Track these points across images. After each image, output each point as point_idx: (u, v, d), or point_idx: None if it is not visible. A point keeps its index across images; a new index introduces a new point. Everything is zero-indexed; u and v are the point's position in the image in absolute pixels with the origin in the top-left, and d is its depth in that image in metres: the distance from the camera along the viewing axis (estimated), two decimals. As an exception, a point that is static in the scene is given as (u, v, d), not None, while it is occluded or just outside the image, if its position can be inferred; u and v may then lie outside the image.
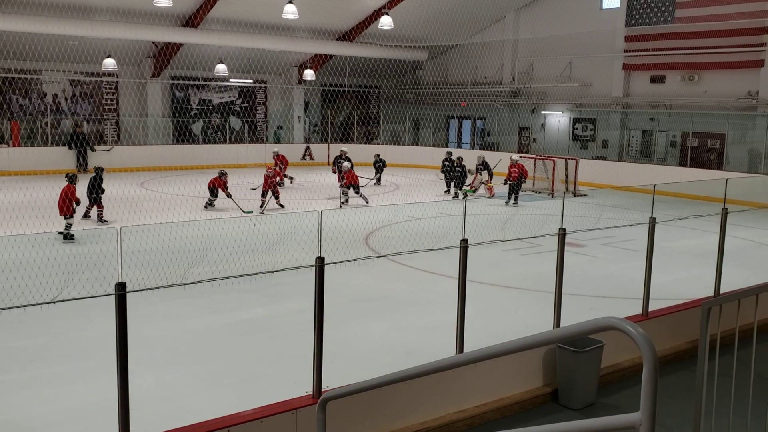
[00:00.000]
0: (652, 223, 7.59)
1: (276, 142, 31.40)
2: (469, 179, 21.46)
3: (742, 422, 4.82)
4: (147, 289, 5.19)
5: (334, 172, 22.26)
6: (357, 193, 19.09)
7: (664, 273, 10.18)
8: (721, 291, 8.26)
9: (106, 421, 5.04)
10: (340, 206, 18.43)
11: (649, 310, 7.74)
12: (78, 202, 14.42)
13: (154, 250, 9.06)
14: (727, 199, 8.66)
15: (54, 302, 5.49)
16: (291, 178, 22.77)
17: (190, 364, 7.53)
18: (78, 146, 25.20)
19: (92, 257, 7.98)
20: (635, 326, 2.00)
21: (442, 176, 22.57)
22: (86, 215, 15.86)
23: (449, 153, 23.21)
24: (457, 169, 20.99)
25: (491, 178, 21.34)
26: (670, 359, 7.69)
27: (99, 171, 16.39)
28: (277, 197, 17.96)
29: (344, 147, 22.74)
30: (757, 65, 22.80)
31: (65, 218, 13.80)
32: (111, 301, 4.51)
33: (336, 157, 22.58)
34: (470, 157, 22.85)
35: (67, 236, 13.58)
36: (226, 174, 18.09)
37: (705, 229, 10.93)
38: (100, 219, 15.78)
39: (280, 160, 22.68)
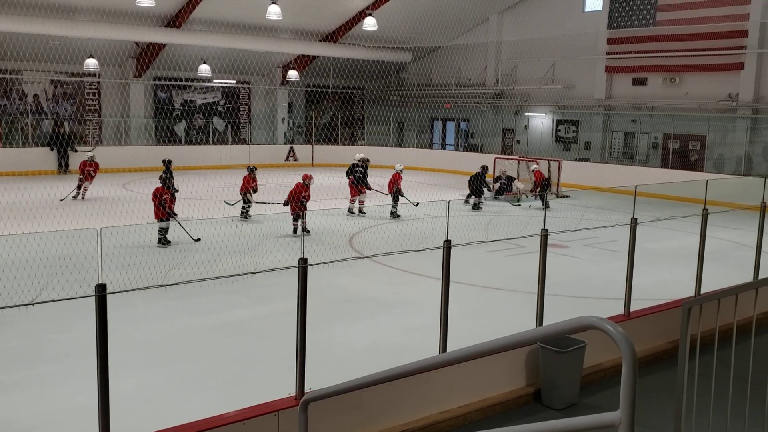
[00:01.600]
0: (634, 224, 7.65)
1: (291, 142, 31.46)
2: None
3: (722, 421, 4.86)
4: (128, 291, 5.15)
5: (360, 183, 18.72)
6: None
7: (646, 273, 10.25)
8: (702, 291, 8.34)
9: (86, 425, 4.98)
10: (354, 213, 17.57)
11: (631, 310, 7.79)
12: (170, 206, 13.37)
13: (136, 251, 8.99)
14: (707, 201, 8.74)
15: (33, 304, 5.43)
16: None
17: (172, 365, 7.48)
18: (59, 147, 24.96)
19: (72, 259, 7.90)
20: (615, 325, 2.01)
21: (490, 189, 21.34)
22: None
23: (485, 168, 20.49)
24: (503, 181, 21.28)
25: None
26: (651, 359, 7.75)
27: (167, 164, 16.13)
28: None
29: (361, 154, 19.94)
30: (737, 68, 23.07)
31: (159, 221, 12.90)
32: (91, 303, 4.47)
33: (353, 165, 19.26)
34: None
35: (162, 241, 12.72)
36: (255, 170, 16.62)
37: (686, 229, 11.03)
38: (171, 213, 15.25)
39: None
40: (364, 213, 17.67)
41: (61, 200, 17.86)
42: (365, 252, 13.10)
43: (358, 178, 18.37)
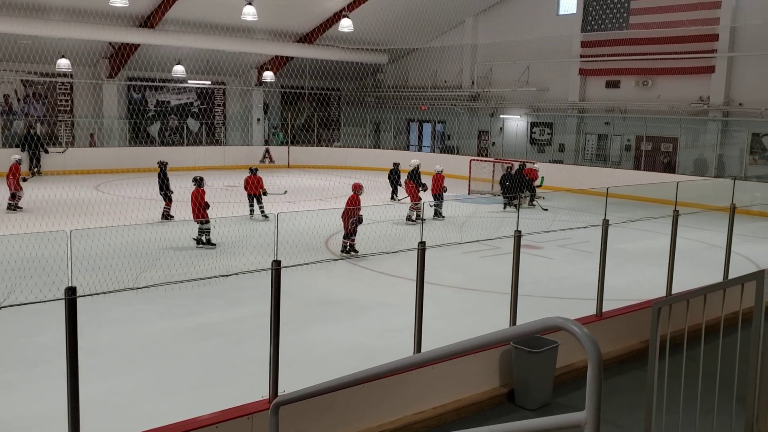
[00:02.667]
0: (605, 225, 7.73)
1: (284, 144, 31.36)
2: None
3: (692, 419, 4.93)
4: (98, 294, 5.08)
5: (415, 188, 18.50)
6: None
7: (618, 274, 10.37)
8: (673, 291, 8.46)
9: (56, 431, 4.91)
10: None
11: (603, 310, 7.87)
12: (207, 205, 13.49)
13: (107, 253, 8.89)
14: (678, 202, 8.87)
15: (0, 308, 5.33)
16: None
17: (144, 369, 7.39)
18: (31, 148, 24.57)
19: (41, 261, 7.78)
20: (580, 326, 2.03)
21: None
22: (165, 215, 15.71)
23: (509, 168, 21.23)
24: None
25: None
26: (623, 358, 7.84)
27: (163, 166, 16.00)
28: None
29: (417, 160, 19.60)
30: (708, 71, 23.44)
31: (201, 224, 12.93)
32: (61, 306, 4.41)
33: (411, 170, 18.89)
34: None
35: (202, 242, 12.89)
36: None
37: (657, 230, 11.18)
38: (165, 216, 15.61)
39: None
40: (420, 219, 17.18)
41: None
42: (341, 253, 13.07)
43: (418, 183, 18.22)
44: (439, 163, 19.99)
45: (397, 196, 20.62)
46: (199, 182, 13.88)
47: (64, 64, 24.71)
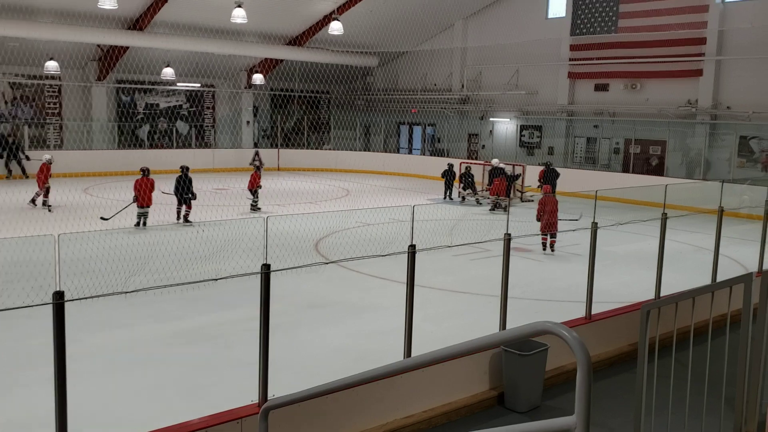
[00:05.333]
0: (595, 228, 7.76)
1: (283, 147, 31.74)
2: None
3: (681, 420, 4.95)
4: (86, 298, 5.05)
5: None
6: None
7: (607, 276, 10.41)
8: (662, 294, 8.49)
9: (43, 435, 4.87)
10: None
11: (592, 313, 7.90)
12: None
13: (95, 257, 8.84)
14: (667, 204, 8.91)
15: (-13, 312, 5.28)
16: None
17: (133, 373, 7.35)
18: (8, 152, 24.34)
19: (29, 266, 7.73)
20: (569, 330, 2.03)
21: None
22: (178, 216, 16.25)
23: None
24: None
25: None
26: (613, 361, 7.87)
27: (185, 170, 16.52)
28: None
29: (495, 159, 21.60)
30: (696, 74, 23.60)
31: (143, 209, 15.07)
32: (49, 311, 4.38)
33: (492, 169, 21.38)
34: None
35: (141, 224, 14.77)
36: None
37: (646, 233, 11.23)
38: (186, 219, 16.12)
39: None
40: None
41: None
42: (331, 257, 13.06)
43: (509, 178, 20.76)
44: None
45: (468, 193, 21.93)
46: (145, 172, 15.51)
47: (52, 66, 24.58)
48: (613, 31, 25.27)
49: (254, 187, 18.45)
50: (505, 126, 29.69)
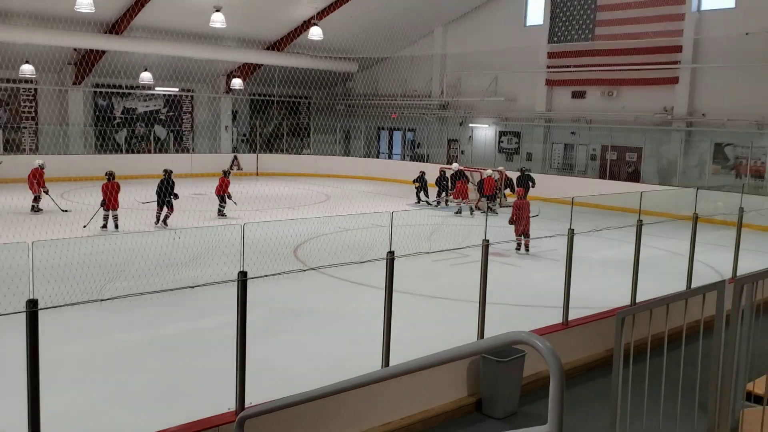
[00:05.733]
0: (571, 234, 7.82)
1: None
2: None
3: (655, 425, 5.00)
4: (60, 306, 4.99)
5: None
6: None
7: (584, 282, 10.48)
8: (638, 299, 8.58)
9: (15, 446, 4.80)
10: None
11: (569, 319, 7.96)
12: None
13: (70, 264, 8.74)
14: (642, 211, 9.01)
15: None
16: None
17: (108, 381, 7.27)
18: None
19: (1, 273, 7.62)
20: (543, 340, 2.05)
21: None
22: (158, 219, 16.36)
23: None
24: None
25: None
26: (589, 367, 7.93)
27: (168, 173, 16.68)
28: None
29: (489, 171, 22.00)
30: (672, 82, 23.91)
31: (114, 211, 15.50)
32: (22, 319, 4.32)
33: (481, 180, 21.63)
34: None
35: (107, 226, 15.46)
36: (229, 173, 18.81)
37: (622, 239, 11.34)
38: (164, 222, 16.31)
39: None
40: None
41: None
42: (310, 263, 13.03)
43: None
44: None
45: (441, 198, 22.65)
46: (111, 176, 15.80)
47: (27, 69, 24.28)
48: (590, 39, 25.55)
49: (222, 193, 18.48)
50: (484, 132, 29.87)
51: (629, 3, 24.26)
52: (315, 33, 24.08)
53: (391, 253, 6.13)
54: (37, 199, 18.14)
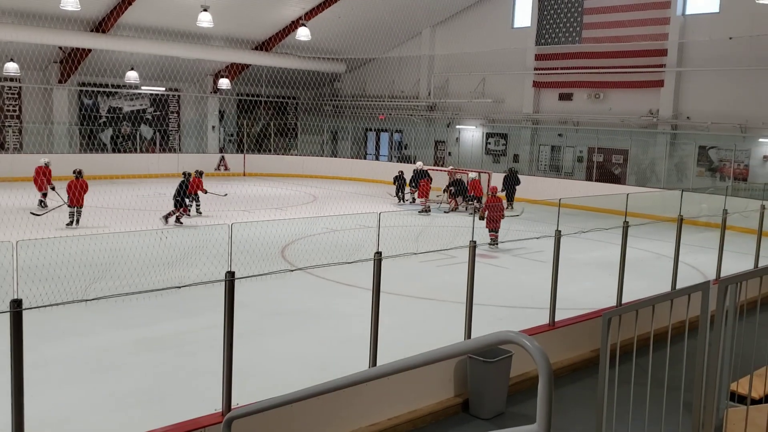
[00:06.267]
0: (558, 236, 7.86)
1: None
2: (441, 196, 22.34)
3: (641, 425, 5.04)
4: (45, 306, 4.94)
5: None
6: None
7: (571, 283, 10.54)
8: (623, 300, 8.63)
9: (-1, 447, 4.76)
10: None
11: (556, 320, 7.99)
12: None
13: (55, 264, 8.67)
14: (628, 213, 9.07)
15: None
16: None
17: (93, 382, 7.21)
18: None
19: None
20: (531, 340, 2.06)
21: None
22: (177, 219, 17.05)
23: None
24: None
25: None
26: (576, 367, 7.97)
27: (187, 176, 17.65)
28: None
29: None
30: (658, 85, 24.10)
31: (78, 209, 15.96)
32: (5, 319, 4.28)
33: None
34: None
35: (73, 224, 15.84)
36: (202, 173, 19.17)
37: (608, 240, 11.41)
38: (178, 220, 17.04)
39: None
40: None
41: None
42: (297, 263, 13.00)
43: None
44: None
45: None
46: (79, 174, 16.46)
47: (12, 68, 24.07)
48: (577, 42, 25.70)
49: (196, 191, 18.66)
50: (471, 133, 29.94)
51: (616, 6, 24.44)
52: (303, 33, 24.05)
53: (378, 253, 6.13)
54: (45, 195, 18.61)
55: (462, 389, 6.85)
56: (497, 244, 14.82)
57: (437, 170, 24.47)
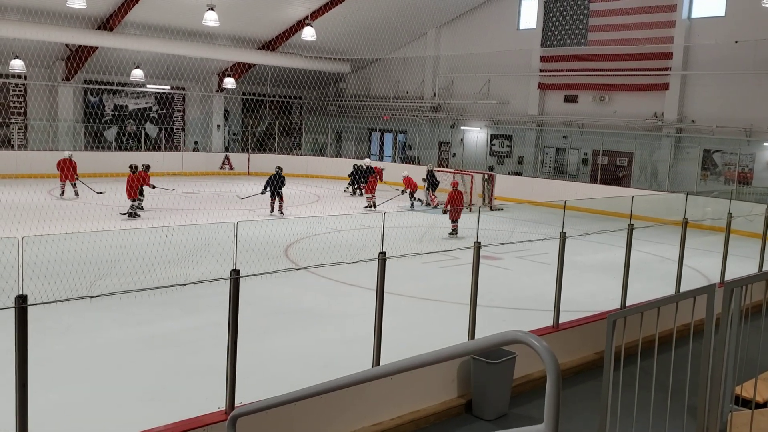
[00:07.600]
0: (563, 237, 7.85)
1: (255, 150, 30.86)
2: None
3: (645, 428, 5.03)
4: (50, 302, 4.95)
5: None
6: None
7: (575, 285, 10.52)
8: (627, 303, 8.61)
9: (3, 443, 4.77)
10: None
11: (560, 321, 7.98)
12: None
13: (60, 260, 8.68)
14: (633, 215, 9.06)
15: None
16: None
17: (98, 380, 7.22)
18: None
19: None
20: (539, 339, 2.06)
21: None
22: (272, 209, 18.72)
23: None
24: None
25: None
26: (579, 369, 7.96)
27: (279, 170, 19.18)
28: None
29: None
30: (663, 88, 24.07)
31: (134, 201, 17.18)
32: (10, 315, 4.28)
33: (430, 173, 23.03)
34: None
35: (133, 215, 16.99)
36: (149, 167, 19.24)
37: (613, 243, 11.39)
38: (280, 211, 18.66)
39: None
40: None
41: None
42: (301, 262, 13.01)
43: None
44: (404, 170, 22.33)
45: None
46: (134, 169, 17.57)
47: (17, 65, 24.11)
48: (582, 44, 25.66)
49: (141, 185, 18.28)
50: (476, 135, 29.92)
51: (621, 9, 24.42)
52: (308, 33, 24.05)
53: (382, 253, 6.13)
54: (75, 186, 20.31)
55: (465, 390, 6.84)
56: (457, 233, 16.56)
57: (443, 171, 24.42)
